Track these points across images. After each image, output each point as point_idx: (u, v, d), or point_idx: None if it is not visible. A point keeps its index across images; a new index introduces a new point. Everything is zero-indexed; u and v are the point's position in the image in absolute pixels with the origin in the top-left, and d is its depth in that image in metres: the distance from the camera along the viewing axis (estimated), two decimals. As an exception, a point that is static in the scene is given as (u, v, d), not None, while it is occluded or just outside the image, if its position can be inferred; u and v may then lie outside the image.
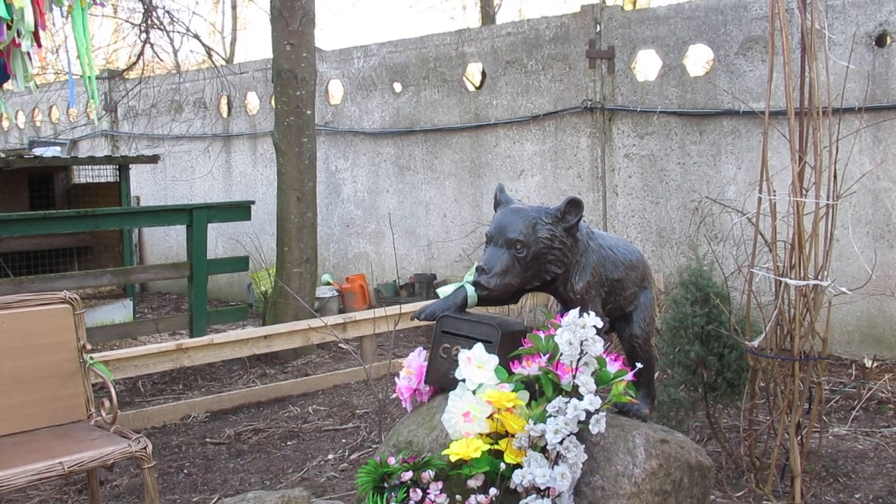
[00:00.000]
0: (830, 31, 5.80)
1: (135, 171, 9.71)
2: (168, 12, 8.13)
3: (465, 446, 2.14)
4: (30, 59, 4.33)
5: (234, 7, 17.05)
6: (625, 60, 6.94)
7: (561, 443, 2.09)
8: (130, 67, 10.10)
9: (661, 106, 6.73)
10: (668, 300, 4.28)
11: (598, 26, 7.01)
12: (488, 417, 2.21)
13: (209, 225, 6.61)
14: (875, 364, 5.62)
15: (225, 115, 9.86)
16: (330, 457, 4.45)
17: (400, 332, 6.15)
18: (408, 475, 2.23)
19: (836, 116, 3.18)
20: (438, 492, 2.20)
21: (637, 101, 6.89)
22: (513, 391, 2.21)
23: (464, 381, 2.27)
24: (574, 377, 2.15)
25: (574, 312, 2.20)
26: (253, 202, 7.06)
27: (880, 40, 5.79)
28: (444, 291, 2.55)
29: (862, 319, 5.95)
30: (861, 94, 5.57)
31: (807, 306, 3.13)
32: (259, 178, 9.50)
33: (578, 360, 2.16)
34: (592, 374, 2.18)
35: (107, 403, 3.23)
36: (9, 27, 4.08)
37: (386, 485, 2.25)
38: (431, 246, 8.23)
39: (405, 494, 2.22)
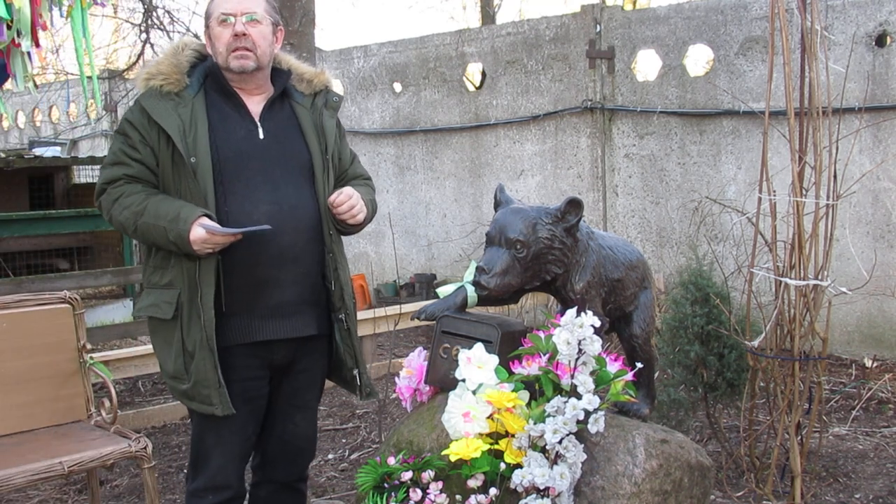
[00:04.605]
0: (830, 31, 5.80)
1: (135, 171, 9.68)
2: (168, 12, 8.13)
3: (465, 446, 2.14)
4: (30, 59, 4.33)
5: (234, 7, 17.00)
6: (625, 60, 6.94)
7: (560, 442, 2.09)
8: (130, 67, 10.09)
9: (661, 106, 6.73)
10: (668, 300, 4.28)
11: (598, 26, 7.01)
12: (488, 417, 2.21)
13: (209, 225, 6.60)
14: (875, 364, 5.62)
15: (225, 115, 9.85)
16: (330, 457, 4.45)
17: (400, 332, 6.15)
18: (408, 475, 2.23)
19: (836, 116, 3.18)
20: (438, 492, 2.19)
21: (637, 101, 6.89)
22: (513, 391, 2.21)
23: (464, 381, 2.27)
24: (572, 377, 2.15)
25: (572, 312, 2.19)
26: (253, 202, 7.05)
27: (880, 40, 5.79)
28: (443, 291, 2.55)
29: (862, 319, 5.95)
30: (861, 94, 5.57)
31: (807, 306, 3.13)
32: (259, 178, 9.49)
33: (576, 360, 2.16)
34: (591, 373, 2.18)
35: (107, 403, 3.23)
36: (9, 27, 4.08)
37: (386, 485, 2.25)
38: (431, 246, 8.23)
39: (405, 494, 2.22)
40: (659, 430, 2.37)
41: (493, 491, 2.14)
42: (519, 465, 2.13)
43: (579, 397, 2.11)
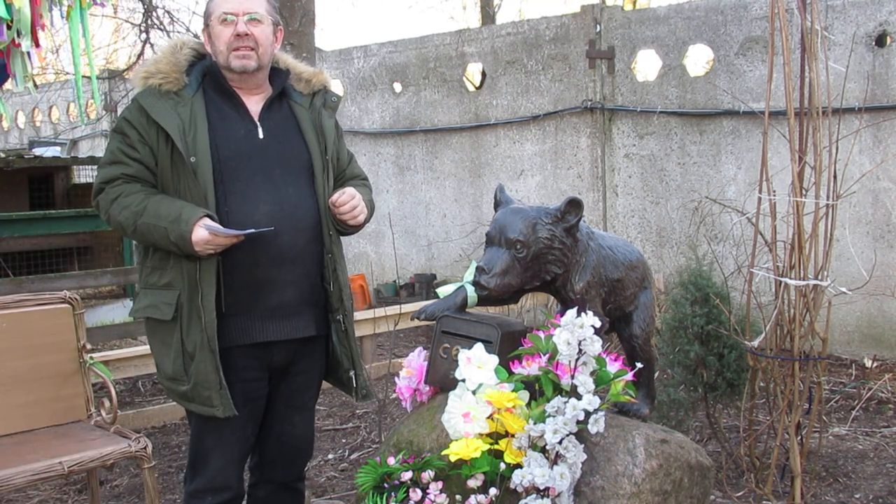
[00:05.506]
0: (830, 31, 5.80)
1: (135, 171, 9.67)
2: (168, 12, 8.12)
3: (465, 446, 2.14)
4: (29, 59, 4.33)
5: (234, 7, 16.97)
6: (625, 60, 6.94)
7: (560, 443, 2.09)
8: (130, 67, 10.08)
9: (661, 106, 6.73)
10: (668, 300, 4.28)
11: (598, 26, 7.01)
12: (488, 417, 2.21)
13: (209, 225, 6.59)
14: (875, 364, 5.62)
15: (225, 115, 9.84)
16: (330, 457, 4.45)
17: (400, 332, 6.15)
18: (408, 475, 2.23)
19: (836, 116, 3.18)
20: (438, 492, 2.20)
21: (637, 101, 6.89)
22: (513, 391, 2.21)
23: (464, 381, 2.27)
24: (572, 377, 2.15)
25: (572, 312, 2.19)
26: (253, 202, 7.04)
27: (880, 40, 5.79)
28: (443, 291, 2.55)
29: (862, 319, 5.95)
30: (861, 94, 5.57)
31: (807, 306, 3.13)
32: (259, 178, 9.49)
33: (577, 360, 2.16)
34: (591, 373, 2.18)
35: (107, 403, 3.23)
36: (9, 27, 4.08)
37: (386, 485, 2.25)
38: (431, 246, 8.23)
39: (405, 494, 2.22)
40: (659, 430, 2.37)
41: (493, 491, 2.14)
42: (519, 465, 2.13)
43: (579, 397, 2.11)
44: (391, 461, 2.29)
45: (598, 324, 2.17)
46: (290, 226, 2.55)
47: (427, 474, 2.22)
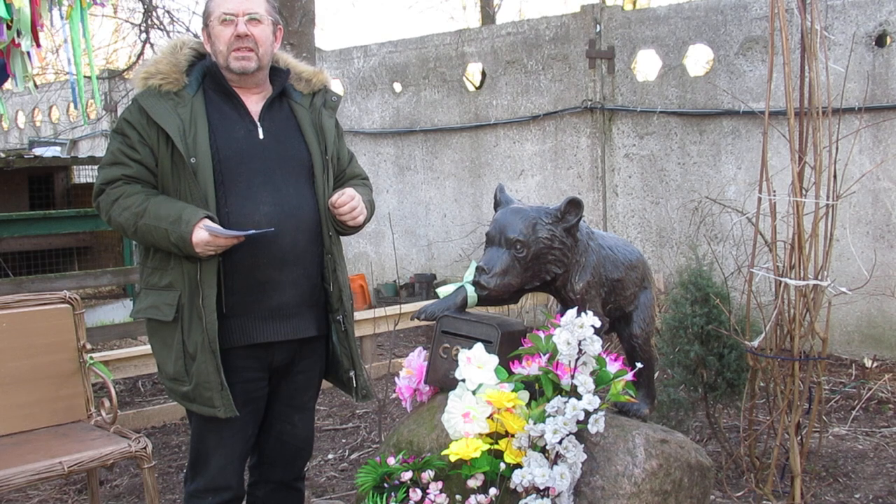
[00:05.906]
0: (830, 31, 5.80)
1: (135, 171, 9.67)
2: (168, 12, 8.12)
3: (465, 446, 2.14)
4: (29, 58, 4.33)
5: (234, 7, 16.96)
6: (625, 60, 6.94)
7: (560, 442, 2.09)
8: (130, 67, 10.08)
9: (661, 106, 6.73)
10: (668, 300, 4.28)
11: (598, 26, 7.01)
12: (488, 417, 2.21)
13: (209, 225, 6.59)
14: (875, 364, 5.62)
15: (225, 115, 9.83)
16: (330, 457, 4.45)
17: (400, 332, 6.15)
18: (408, 475, 2.23)
19: (836, 116, 3.18)
20: (438, 492, 2.20)
21: (637, 101, 6.89)
22: (513, 391, 2.21)
23: (464, 381, 2.27)
24: (572, 377, 2.15)
25: (572, 312, 2.19)
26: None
27: (880, 40, 5.79)
28: (443, 291, 2.55)
29: (862, 319, 5.95)
30: (861, 94, 5.57)
31: (807, 306, 3.13)
32: (259, 178, 9.48)
33: (577, 360, 2.16)
34: (591, 373, 2.18)
35: (107, 403, 3.23)
36: (9, 27, 4.08)
37: (386, 485, 2.25)
38: (431, 246, 8.23)
39: (405, 494, 2.22)
40: (659, 430, 2.37)
41: (493, 491, 2.14)
42: (519, 465, 2.13)
43: (579, 397, 2.11)
44: (391, 461, 2.29)
45: (598, 324, 2.17)
46: (291, 226, 2.55)
47: (427, 474, 2.22)
